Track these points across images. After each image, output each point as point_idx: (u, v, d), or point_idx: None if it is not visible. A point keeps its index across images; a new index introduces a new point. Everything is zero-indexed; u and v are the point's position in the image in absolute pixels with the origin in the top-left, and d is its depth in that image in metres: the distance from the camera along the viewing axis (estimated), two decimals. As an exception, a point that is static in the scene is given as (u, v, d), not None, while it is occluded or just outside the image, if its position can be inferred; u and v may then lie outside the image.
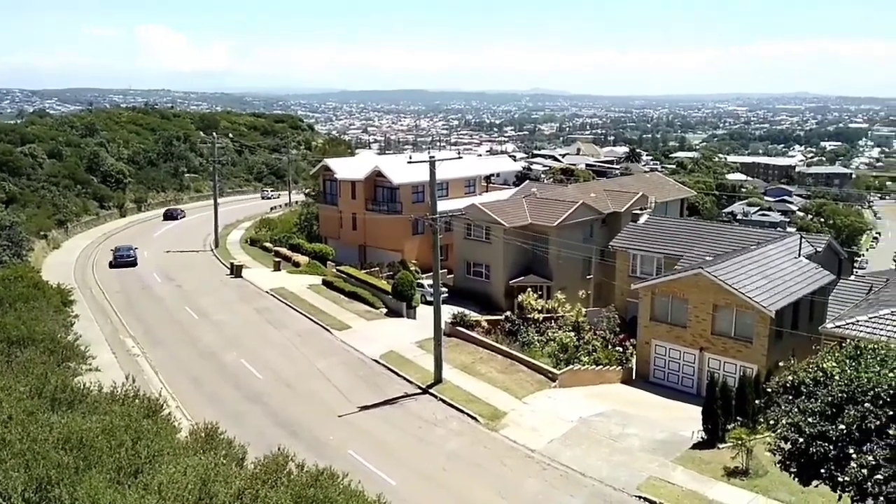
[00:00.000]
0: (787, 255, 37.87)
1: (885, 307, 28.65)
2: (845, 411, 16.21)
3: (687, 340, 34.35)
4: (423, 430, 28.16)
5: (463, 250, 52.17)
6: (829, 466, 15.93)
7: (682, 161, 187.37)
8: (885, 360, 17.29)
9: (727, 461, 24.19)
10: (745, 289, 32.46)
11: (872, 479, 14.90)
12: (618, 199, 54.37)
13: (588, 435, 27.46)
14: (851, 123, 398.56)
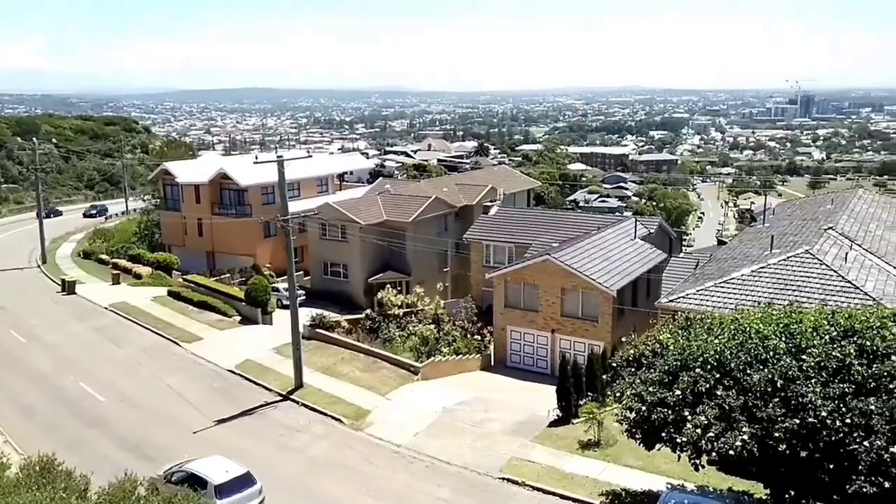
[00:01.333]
0: (625, 237, 40.66)
1: (709, 280, 31.50)
2: (680, 378, 17.64)
3: (539, 324, 35.94)
4: (285, 437, 27.40)
5: (319, 251, 51.29)
6: (669, 430, 17.27)
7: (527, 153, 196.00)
8: (711, 329, 18.99)
9: (581, 435, 25.63)
10: (589, 271, 34.46)
11: (706, 438, 16.34)
12: (469, 193, 55.79)
13: (452, 424, 27.99)
14: (675, 114, 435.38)
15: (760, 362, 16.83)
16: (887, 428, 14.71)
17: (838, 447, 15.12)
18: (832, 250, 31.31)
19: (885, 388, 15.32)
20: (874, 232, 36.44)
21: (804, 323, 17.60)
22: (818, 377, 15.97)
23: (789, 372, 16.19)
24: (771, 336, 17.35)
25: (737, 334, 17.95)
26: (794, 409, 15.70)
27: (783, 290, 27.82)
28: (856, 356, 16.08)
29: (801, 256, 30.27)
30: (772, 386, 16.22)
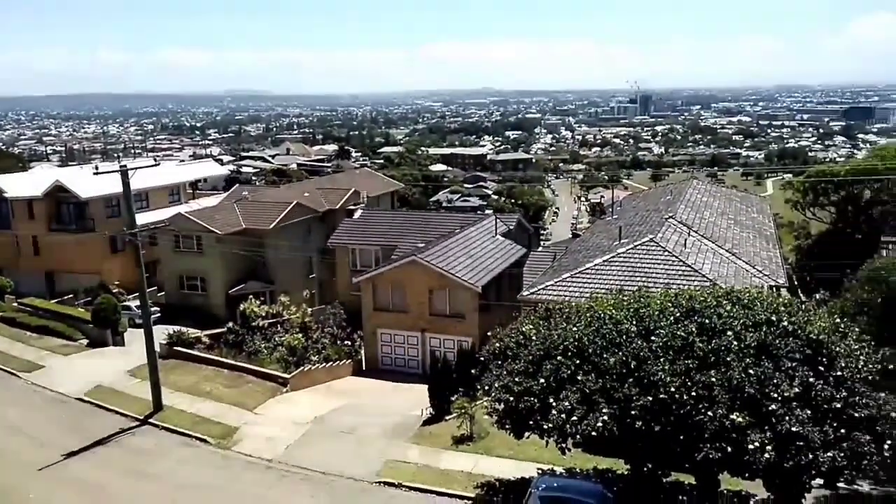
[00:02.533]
0: (487, 235, 41.80)
1: (566, 271, 33.09)
2: (543, 366, 18.36)
3: (409, 324, 36.13)
4: (146, 464, 25.65)
5: (173, 264, 48.54)
6: (536, 417, 17.93)
7: (388, 156, 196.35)
8: (570, 317, 19.92)
9: (454, 431, 26.02)
10: (455, 270, 35.10)
11: (570, 422, 17.11)
12: (332, 197, 55.04)
13: (325, 433, 27.47)
14: (528, 114, 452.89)
15: (615, 346, 17.86)
16: (727, 397, 16.09)
17: (687, 419, 16.34)
18: (673, 237, 33.90)
19: (723, 361, 16.74)
20: (708, 219, 39.87)
21: (652, 306, 18.87)
22: (666, 356, 17.18)
23: (641, 353, 17.30)
24: (623, 321, 18.45)
25: (593, 321, 18.93)
26: (646, 388, 16.79)
27: (632, 277, 29.74)
28: (697, 334, 17.45)
29: (646, 245, 32.51)
30: (626, 367, 17.25)
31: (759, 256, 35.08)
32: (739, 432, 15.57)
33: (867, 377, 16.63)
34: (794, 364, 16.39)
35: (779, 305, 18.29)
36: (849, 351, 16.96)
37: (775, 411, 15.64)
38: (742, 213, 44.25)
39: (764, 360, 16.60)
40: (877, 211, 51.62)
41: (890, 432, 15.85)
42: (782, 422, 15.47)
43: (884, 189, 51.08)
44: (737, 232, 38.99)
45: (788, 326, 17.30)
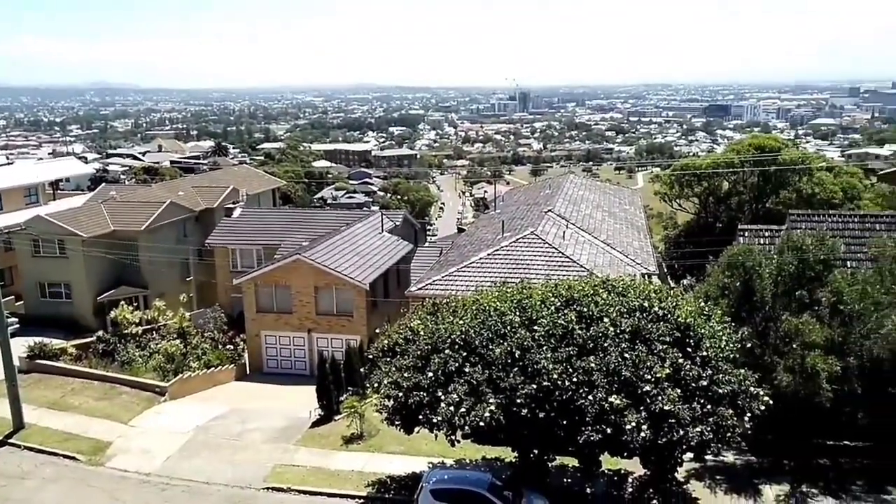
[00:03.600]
0: (373, 231, 41.54)
1: (452, 266, 33.48)
2: (431, 360, 18.50)
3: (295, 325, 35.29)
4: (7, 488, 23.59)
5: (32, 271, 44.74)
6: (425, 411, 18.05)
7: (269, 152, 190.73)
8: (456, 311, 20.19)
9: (344, 431, 25.71)
10: (341, 268, 34.62)
11: (458, 414, 17.34)
12: (209, 195, 52.74)
13: (207, 442, 26.33)
14: (411, 110, 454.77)
15: (500, 337, 18.28)
16: (605, 381, 16.88)
17: (569, 404, 17.00)
18: (553, 230, 35.11)
19: (601, 346, 17.56)
20: (584, 211, 41.63)
21: (534, 297, 19.47)
22: (548, 344, 17.79)
23: (524, 343, 17.81)
24: (507, 312, 18.93)
25: (479, 314, 19.29)
26: (531, 376, 17.32)
27: (516, 269, 30.53)
28: (577, 322, 18.20)
29: (528, 238, 33.47)
30: (511, 357, 17.71)
31: (631, 246, 37.01)
32: (617, 414, 16.38)
33: (729, 356, 17.97)
34: (664, 347, 17.45)
35: (650, 292, 19.40)
36: (712, 332, 18.25)
37: (649, 392, 16.58)
38: (616, 206, 46.54)
39: (638, 344, 17.57)
40: (734, 201, 55.87)
41: (749, 406, 17.19)
42: (656, 401, 16.42)
43: (740, 180, 55.35)
44: (611, 223, 40.94)
45: (659, 311, 18.39)
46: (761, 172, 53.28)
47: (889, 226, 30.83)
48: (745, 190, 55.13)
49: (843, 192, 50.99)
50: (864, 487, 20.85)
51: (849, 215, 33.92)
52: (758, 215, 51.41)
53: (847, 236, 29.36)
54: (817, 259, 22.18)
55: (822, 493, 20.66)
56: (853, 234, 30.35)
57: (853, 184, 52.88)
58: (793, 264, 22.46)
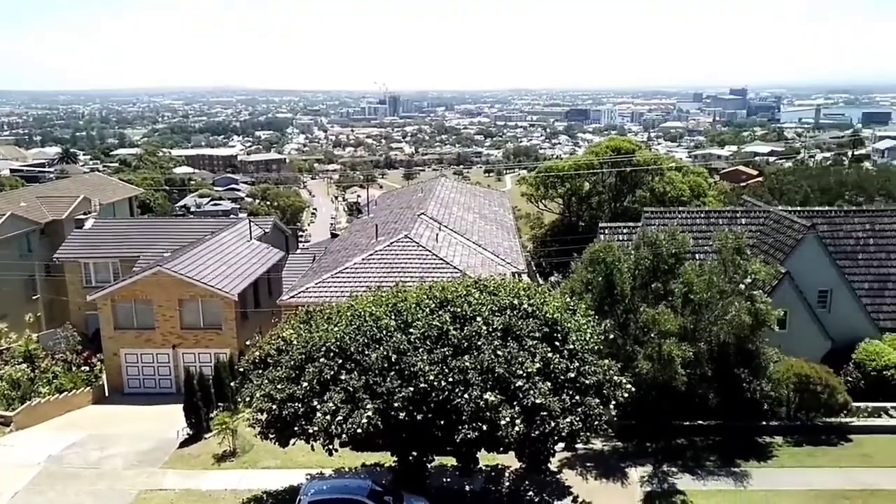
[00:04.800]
0: (241, 239, 40.05)
1: (326, 272, 32.92)
2: (306, 370, 18.06)
3: (158, 341, 33.32)
4: None
5: None
6: (301, 423, 17.59)
7: (124, 158, 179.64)
8: (331, 318, 19.83)
9: (216, 449, 24.56)
10: (207, 278, 33.08)
11: (335, 422, 17.04)
12: (56, 206, 48.78)
13: (62, 472, 24.25)
14: (279, 114, 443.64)
15: (376, 342, 18.17)
16: (480, 379, 17.19)
17: (446, 404, 17.17)
18: (426, 233, 35.43)
19: (475, 345, 17.87)
20: (456, 214, 42.34)
21: (409, 300, 19.51)
22: (424, 346, 17.89)
23: (401, 346, 17.80)
24: (383, 316, 18.84)
25: (354, 319, 19.07)
26: (408, 379, 17.33)
27: (390, 273, 30.48)
28: (451, 322, 18.42)
29: (401, 241, 33.55)
30: (388, 362, 17.64)
31: (501, 246, 38.07)
32: (493, 410, 16.74)
33: (594, 348, 18.87)
34: (534, 342, 18.04)
35: (520, 290, 20.01)
36: (578, 326, 19.09)
37: (521, 387, 17.08)
38: (486, 208, 47.70)
39: (510, 340, 18.05)
40: (595, 200, 59.00)
41: (614, 394, 18.14)
42: (528, 395, 16.94)
43: (599, 181, 58.52)
44: (482, 225, 41.92)
45: (528, 308, 19.00)
46: (618, 173, 56.63)
47: (730, 220, 33.74)
48: (605, 190, 58.36)
49: (690, 190, 55.18)
50: (716, 463, 22.60)
51: (696, 211, 36.78)
52: (617, 213, 54.59)
53: (695, 231, 31.79)
54: (669, 253, 23.82)
55: (680, 471, 22.18)
56: (700, 228, 32.94)
57: (699, 182, 57.38)
58: (648, 259, 24.00)
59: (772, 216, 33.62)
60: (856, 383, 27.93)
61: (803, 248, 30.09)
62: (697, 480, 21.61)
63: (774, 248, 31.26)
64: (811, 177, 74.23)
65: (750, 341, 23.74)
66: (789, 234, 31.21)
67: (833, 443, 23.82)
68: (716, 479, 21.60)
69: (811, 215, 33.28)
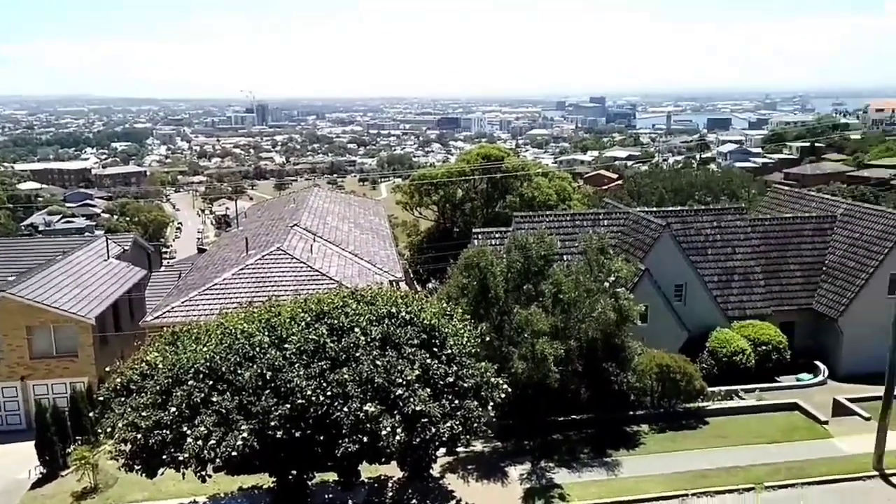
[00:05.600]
0: (97, 258, 37.34)
1: (193, 290, 31.38)
2: (173, 394, 17.08)
3: (3, 373, 30.32)
4: None
5: None
6: (170, 450, 16.59)
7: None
8: (199, 338, 18.89)
9: (74, 486, 22.67)
10: (59, 302, 30.55)
11: (207, 447, 16.22)
12: None
13: None
14: (137, 124, 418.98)
15: (249, 360, 17.50)
16: (359, 390, 16.99)
17: (325, 419, 16.82)
18: (300, 244, 34.66)
19: (354, 357, 17.65)
20: (331, 224, 41.74)
21: (283, 315, 18.96)
22: (300, 361, 17.44)
23: (275, 363, 17.25)
24: (255, 333, 18.19)
25: (224, 338, 18.27)
26: (284, 396, 16.81)
27: (263, 287, 29.55)
28: (328, 335, 18.08)
29: (274, 254, 32.62)
30: (262, 380, 17.03)
31: (378, 255, 37.94)
32: (373, 421, 16.58)
33: (471, 351, 19.17)
34: (413, 349, 18.07)
35: (397, 298, 19.99)
36: (455, 330, 19.33)
37: (401, 395, 17.04)
38: (361, 217, 47.39)
39: (388, 350, 17.98)
40: (468, 207, 60.18)
41: (492, 395, 18.50)
42: (408, 403, 16.92)
43: (472, 188, 59.77)
44: (357, 234, 41.60)
45: (406, 316, 19.01)
46: (490, 179, 58.12)
47: (594, 222, 35.52)
48: (477, 196, 59.70)
49: (557, 194, 57.56)
50: (590, 454, 23.63)
51: (562, 215, 38.43)
52: (489, 219, 55.94)
53: (562, 233, 33.19)
54: (539, 255, 24.72)
55: (557, 466, 22.99)
56: (566, 230, 34.42)
57: (564, 187, 60.00)
58: (519, 262, 24.77)
59: (631, 217, 35.73)
60: (710, 369, 30.24)
61: (660, 246, 32.22)
62: (573, 473, 22.48)
63: (634, 247, 33.24)
64: (665, 179, 79.78)
65: (616, 336, 25.05)
66: (647, 233, 33.31)
67: (693, 427, 25.57)
68: (590, 471, 22.58)
69: (666, 215, 35.72)
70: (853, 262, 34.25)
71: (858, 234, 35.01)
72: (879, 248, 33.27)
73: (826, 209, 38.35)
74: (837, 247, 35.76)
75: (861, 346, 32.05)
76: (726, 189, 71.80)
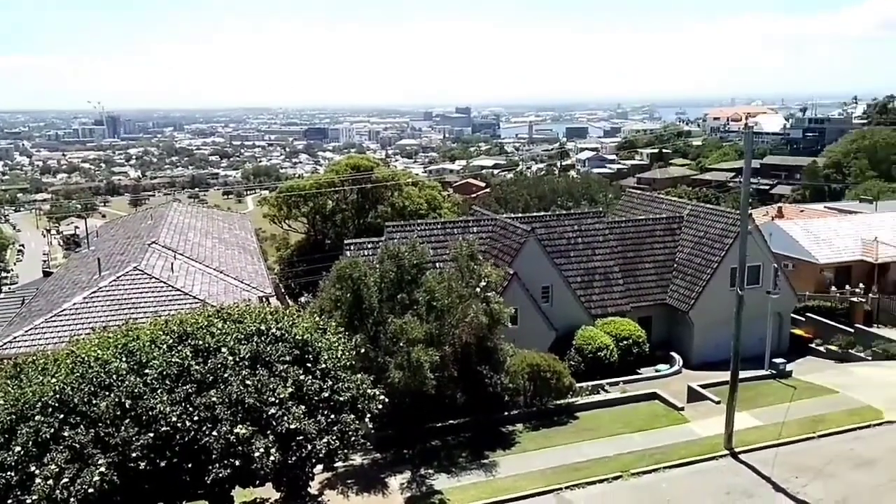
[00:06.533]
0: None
1: (38, 317, 28.82)
2: (18, 433, 15.57)
3: None
4: None
5: None
6: (15, 493, 15.09)
7: None
8: (47, 368, 17.34)
9: None
10: None
11: (60, 486, 14.89)
12: None
13: None
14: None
15: (105, 388, 16.27)
16: (229, 412, 16.25)
17: (193, 445, 15.94)
18: (159, 263, 32.77)
19: (222, 378, 16.87)
20: (193, 240, 39.81)
21: (142, 338, 17.78)
22: (163, 386, 16.42)
23: (135, 390, 16.14)
24: (111, 359, 16.94)
25: (76, 367, 16.89)
26: (146, 424, 15.77)
27: (119, 311, 27.67)
28: (193, 357, 17.16)
29: (131, 274, 30.65)
30: (121, 409, 15.89)
31: (246, 271, 36.65)
32: (245, 443, 15.91)
33: (346, 364, 18.91)
34: (285, 366, 17.55)
35: (266, 315, 19.34)
36: (329, 344, 18.98)
37: (274, 414, 16.49)
38: (226, 231, 45.58)
39: (259, 368, 17.34)
40: (339, 218, 59.60)
41: (369, 407, 18.33)
42: (282, 422, 16.40)
43: (342, 198, 59.26)
44: (223, 250, 39.97)
45: (277, 332, 18.44)
46: (360, 190, 57.92)
47: (463, 229, 36.30)
48: (348, 207, 59.34)
49: (427, 203, 58.38)
50: (468, 458, 23.99)
51: (433, 223, 38.98)
52: (361, 229, 55.77)
53: (433, 241, 33.65)
54: (412, 264, 24.87)
55: (437, 472, 23.15)
56: (438, 238, 34.95)
57: (434, 196, 60.97)
58: (393, 271, 24.80)
59: (499, 223, 36.85)
60: (578, 366, 31.76)
61: (526, 251, 33.46)
62: (453, 478, 22.72)
63: (503, 252, 34.30)
64: (529, 186, 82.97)
65: (488, 339, 25.65)
66: (514, 238, 34.49)
67: (564, 422, 26.65)
68: (469, 474, 22.92)
69: (531, 220, 37.17)
70: (699, 259, 37.19)
71: (703, 232, 38.10)
72: (721, 244, 36.36)
73: (674, 210, 41.45)
74: (685, 245, 38.71)
75: (710, 336, 34.87)
76: (586, 194, 75.82)
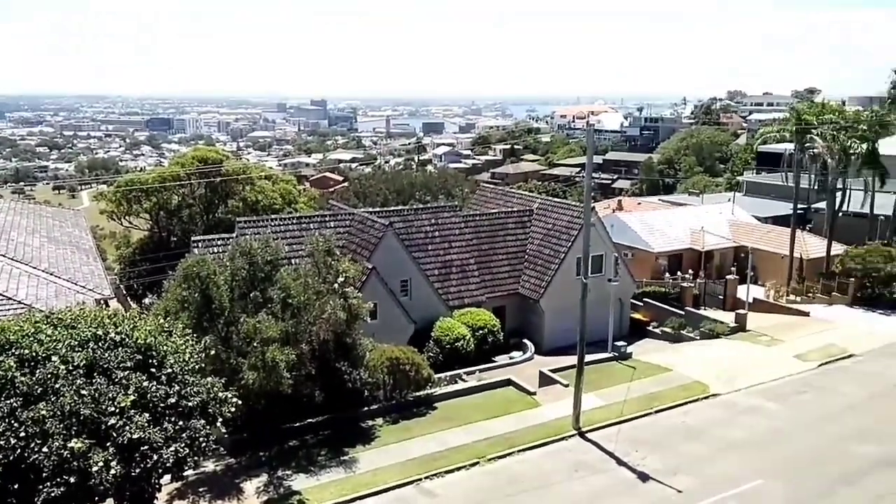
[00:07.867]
0: None
1: None
2: None
3: None
4: None
5: None
6: None
7: None
8: None
9: None
10: None
11: None
12: None
13: None
14: None
15: None
16: (62, 426, 14.94)
17: (20, 463, 14.52)
18: (-25, 265, 29.45)
19: (53, 389, 15.46)
20: (17, 239, 36.09)
21: (-46, 350, 15.92)
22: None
23: (-54, 408, 14.43)
24: (-86, 376, 15.02)
25: None
26: (-39, 446, 14.15)
27: (-73, 319, 24.55)
28: (18, 368, 15.61)
29: (-60, 278, 27.29)
30: (-72, 430, 14.14)
31: (80, 272, 33.77)
32: (81, 458, 14.71)
33: (195, 367, 17.96)
34: (126, 373, 16.38)
35: (104, 318, 17.95)
36: (175, 348, 17.94)
37: (115, 425, 15.36)
38: (57, 229, 41.73)
39: (96, 377, 16.07)
40: (186, 213, 56.45)
41: (220, 411, 17.55)
42: (123, 433, 15.31)
43: (189, 193, 56.17)
44: (52, 250, 36.58)
45: (116, 337, 17.17)
46: (208, 184, 55.18)
47: (320, 224, 35.71)
48: (196, 202, 56.36)
49: (282, 197, 56.73)
50: (327, 456, 23.67)
51: (288, 218, 37.98)
52: (210, 225, 53.20)
53: (288, 237, 32.82)
54: (265, 261, 24.09)
55: (295, 472, 22.65)
56: (293, 234, 34.11)
57: (289, 190, 59.38)
58: (245, 268, 23.90)
59: (357, 218, 36.60)
60: (436, 357, 32.29)
61: (384, 245, 33.50)
62: (312, 477, 22.33)
63: (361, 247, 34.11)
64: (388, 180, 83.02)
65: (347, 335, 25.42)
66: (372, 232, 34.40)
67: (423, 413, 27.01)
68: (328, 472, 22.62)
69: (389, 214, 37.25)
70: (548, 250, 39.04)
71: (551, 224, 40.01)
72: (567, 236, 38.38)
73: (525, 204, 43.21)
74: (535, 237, 40.48)
75: (559, 323, 36.74)
76: (442, 188, 77.11)
